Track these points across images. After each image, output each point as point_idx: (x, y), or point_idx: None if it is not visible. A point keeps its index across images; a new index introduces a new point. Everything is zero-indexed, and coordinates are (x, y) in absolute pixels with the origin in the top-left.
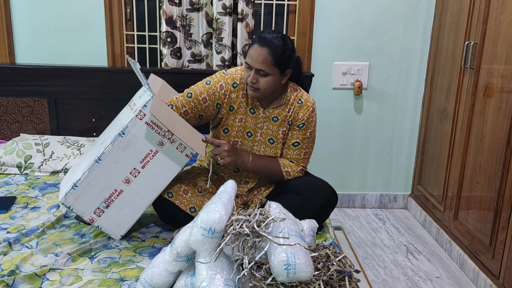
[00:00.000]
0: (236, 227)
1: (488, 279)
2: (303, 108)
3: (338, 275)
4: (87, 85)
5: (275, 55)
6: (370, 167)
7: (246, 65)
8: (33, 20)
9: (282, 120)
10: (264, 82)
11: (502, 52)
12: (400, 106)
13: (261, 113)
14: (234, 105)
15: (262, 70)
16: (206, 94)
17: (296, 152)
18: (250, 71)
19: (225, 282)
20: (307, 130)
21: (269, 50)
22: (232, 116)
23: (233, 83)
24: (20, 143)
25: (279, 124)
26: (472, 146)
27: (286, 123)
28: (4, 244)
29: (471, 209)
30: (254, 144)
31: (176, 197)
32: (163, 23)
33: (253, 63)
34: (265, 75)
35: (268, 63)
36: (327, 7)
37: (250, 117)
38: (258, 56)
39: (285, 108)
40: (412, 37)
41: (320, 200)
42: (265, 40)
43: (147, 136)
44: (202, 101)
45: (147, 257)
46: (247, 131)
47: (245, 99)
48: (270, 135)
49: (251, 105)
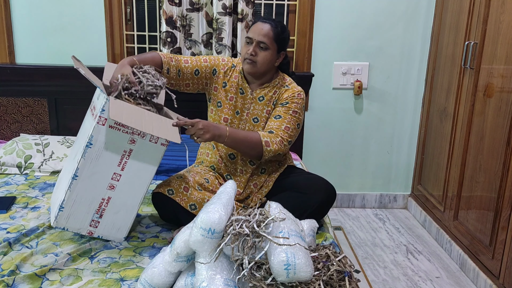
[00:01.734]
0: (236, 227)
1: (488, 279)
2: (288, 91)
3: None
4: (87, 85)
5: (276, 31)
6: (370, 167)
7: (247, 40)
8: (33, 20)
9: (268, 100)
10: (262, 55)
11: (502, 52)
12: (400, 106)
13: (249, 94)
14: (228, 82)
15: (263, 42)
16: (207, 57)
17: (277, 124)
18: (250, 46)
19: (225, 282)
20: (290, 108)
21: (271, 26)
22: (224, 92)
23: (232, 64)
24: (20, 143)
25: (265, 103)
26: (472, 146)
27: (271, 104)
28: (4, 244)
29: (471, 209)
30: (240, 123)
31: (176, 194)
32: (163, 23)
33: (255, 36)
34: (265, 49)
35: (269, 36)
36: (327, 7)
37: (239, 97)
38: (261, 29)
39: (272, 89)
40: (412, 37)
41: (319, 197)
42: (267, 19)
43: (116, 139)
44: (202, 60)
45: (147, 257)
46: (236, 110)
47: (237, 80)
48: (255, 114)
49: (241, 86)
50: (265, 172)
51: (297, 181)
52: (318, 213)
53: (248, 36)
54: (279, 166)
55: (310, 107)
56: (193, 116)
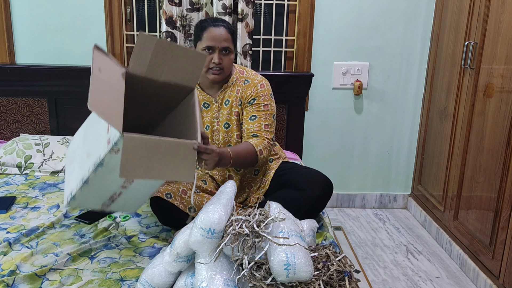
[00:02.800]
0: (235, 227)
1: (488, 279)
2: (250, 86)
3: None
4: (87, 85)
5: (231, 32)
6: (370, 167)
7: (207, 49)
8: (33, 20)
9: (233, 101)
10: (228, 60)
11: (502, 52)
12: (400, 106)
13: (214, 103)
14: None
15: (227, 47)
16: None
17: (256, 125)
18: (212, 54)
19: (225, 282)
20: (260, 104)
21: (225, 28)
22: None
23: None
24: (20, 143)
25: (231, 106)
26: (472, 146)
27: (237, 104)
28: (4, 244)
29: (471, 209)
30: (212, 135)
31: (174, 198)
32: (163, 23)
33: (217, 43)
34: (228, 53)
35: (229, 39)
36: (327, 7)
37: (205, 112)
38: (220, 35)
39: (233, 89)
40: (412, 37)
41: (317, 192)
42: (217, 21)
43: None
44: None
45: (147, 257)
46: (206, 125)
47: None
48: (224, 120)
49: (202, 100)
50: (258, 173)
51: (294, 177)
52: (316, 208)
53: (208, 45)
54: (270, 163)
55: (310, 107)
56: None
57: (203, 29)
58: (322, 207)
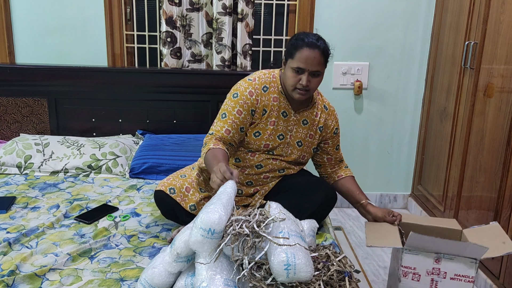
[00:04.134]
0: (236, 227)
1: (488, 279)
2: (330, 116)
3: (338, 275)
4: (87, 85)
5: (325, 55)
6: (370, 167)
7: (297, 70)
8: (33, 20)
9: (311, 124)
10: (315, 82)
11: (502, 52)
12: (400, 106)
13: (292, 116)
14: (267, 108)
15: (318, 71)
16: (238, 106)
17: (340, 152)
18: (300, 75)
19: (225, 283)
20: (339, 132)
21: (320, 50)
22: (265, 120)
23: (263, 87)
24: (20, 143)
25: (308, 128)
26: (472, 146)
27: (315, 128)
28: (4, 244)
29: (471, 209)
30: (284, 146)
31: (177, 194)
32: (163, 23)
33: (309, 66)
34: (317, 76)
35: (321, 64)
36: (327, 7)
37: (282, 120)
38: (313, 58)
39: (313, 111)
40: (412, 37)
41: (319, 199)
42: (314, 43)
43: None
44: (237, 114)
45: (147, 257)
46: (279, 134)
47: (277, 103)
48: (299, 138)
49: (283, 108)
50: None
51: (297, 182)
52: (318, 215)
53: (298, 66)
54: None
55: None
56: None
57: (296, 47)
58: (324, 215)
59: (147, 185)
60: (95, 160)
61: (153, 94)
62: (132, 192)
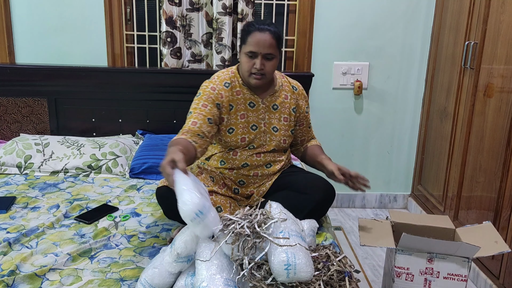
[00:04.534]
0: (237, 227)
1: (488, 279)
2: (300, 95)
3: (338, 275)
4: (87, 85)
5: (277, 37)
6: (370, 167)
7: (250, 54)
8: (33, 20)
9: (282, 107)
10: (270, 66)
11: (502, 52)
12: (400, 106)
13: (260, 103)
14: (233, 103)
15: (270, 53)
16: (203, 101)
17: (311, 131)
18: (254, 59)
19: (225, 282)
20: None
21: (271, 33)
22: (233, 115)
23: (224, 83)
24: (20, 143)
25: (280, 112)
26: (472, 146)
27: (288, 110)
28: (4, 244)
29: (471, 209)
30: (261, 135)
31: None
32: (163, 23)
33: (260, 49)
34: (271, 59)
35: (274, 45)
36: (327, 7)
37: (250, 111)
38: (264, 41)
39: (280, 94)
40: (412, 37)
41: (318, 196)
42: (262, 24)
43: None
44: (202, 107)
45: (147, 257)
46: (251, 125)
47: (241, 95)
48: (273, 124)
49: (249, 99)
50: (271, 167)
51: (295, 180)
52: (317, 213)
53: (251, 50)
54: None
55: (310, 107)
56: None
57: (248, 32)
58: (323, 212)
59: (147, 185)
60: (95, 160)
61: (153, 94)
62: (132, 192)
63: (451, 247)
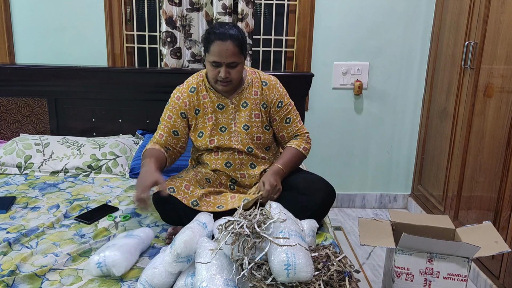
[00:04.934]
0: (236, 227)
1: (488, 279)
2: (270, 89)
3: (338, 275)
4: (87, 85)
5: (239, 44)
6: (370, 167)
7: (214, 64)
8: (33, 20)
9: (252, 103)
10: (235, 72)
11: (502, 52)
12: (400, 106)
13: (229, 104)
14: (199, 107)
15: (233, 62)
16: (168, 112)
17: (293, 126)
18: (219, 68)
19: (225, 282)
20: (287, 104)
21: (233, 40)
22: (201, 119)
23: (190, 89)
24: (20, 143)
25: (250, 108)
26: (472, 146)
27: (258, 107)
28: (4, 244)
29: (471, 209)
30: (231, 136)
31: (178, 192)
32: (163, 23)
33: (223, 59)
34: (235, 66)
35: (236, 53)
36: (327, 7)
37: (220, 113)
38: (226, 51)
39: (250, 91)
40: (412, 37)
41: (319, 198)
42: (225, 34)
43: None
44: (168, 119)
45: (147, 257)
46: (220, 126)
47: (207, 99)
48: (243, 122)
49: (217, 102)
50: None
51: (296, 181)
52: (319, 214)
53: (215, 61)
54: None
55: (310, 107)
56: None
57: (209, 41)
58: (325, 213)
59: None
60: (95, 160)
61: (153, 94)
62: (132, 192)
63: (451, 247)
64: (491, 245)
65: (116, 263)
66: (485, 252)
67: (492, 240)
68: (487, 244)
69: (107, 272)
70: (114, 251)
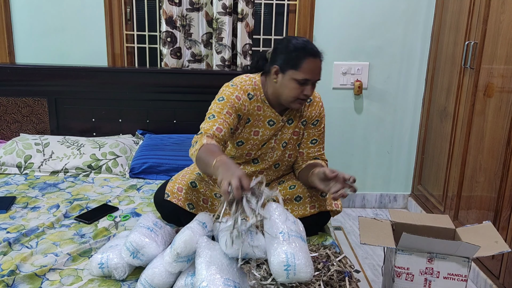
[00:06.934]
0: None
1: (488, 279)
2: (313, 106)
3: (338, 275)
4: (87, 85)
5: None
6: (370, 167)
7: (302, 81)
8: (33, 20)
9: (296, 121)
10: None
11: (502, 52)
12: (400, 106)
13: (280, 122)
14: (251, 117)
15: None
16: (227, 108)
17: (316, 149)
18: (305, 86)
19: (225, 282)
20: (321, 125)
21: (321, 58)
22: (248, 129)
23: (248, 94)
24: (20, 143)
25: (294, 126)
26: (472, 146)
27: (299, 124)
28: (4, 244)
29: (471, 209)
30: (267, 151)
31: (172, 196)
32: (163, 23)
33: (314, 76)
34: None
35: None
36: (327, 7)
37: (268, 130)
38: (318, 68)
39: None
40: (412, 37)
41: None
42: (314, 51)
43: None
44: (227, 114)
45: None
46: (263, 143)
47: (261, 112)
48: (284, 139)
49: (268, 117)
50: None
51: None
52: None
53: (305, 78)
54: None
55: None
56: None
57: (301, 58)
58: (316, 232)
59: (147, 185)
60: (95, 160)
61: (153, 94)
62: (132, 192)
63: (451, 247)
64: (491, 245)
65: (118, 266)
66: (485, 252)
67: (492, 240)
68: (487, 244)
69: (108, 274)
70: (117, 255)
